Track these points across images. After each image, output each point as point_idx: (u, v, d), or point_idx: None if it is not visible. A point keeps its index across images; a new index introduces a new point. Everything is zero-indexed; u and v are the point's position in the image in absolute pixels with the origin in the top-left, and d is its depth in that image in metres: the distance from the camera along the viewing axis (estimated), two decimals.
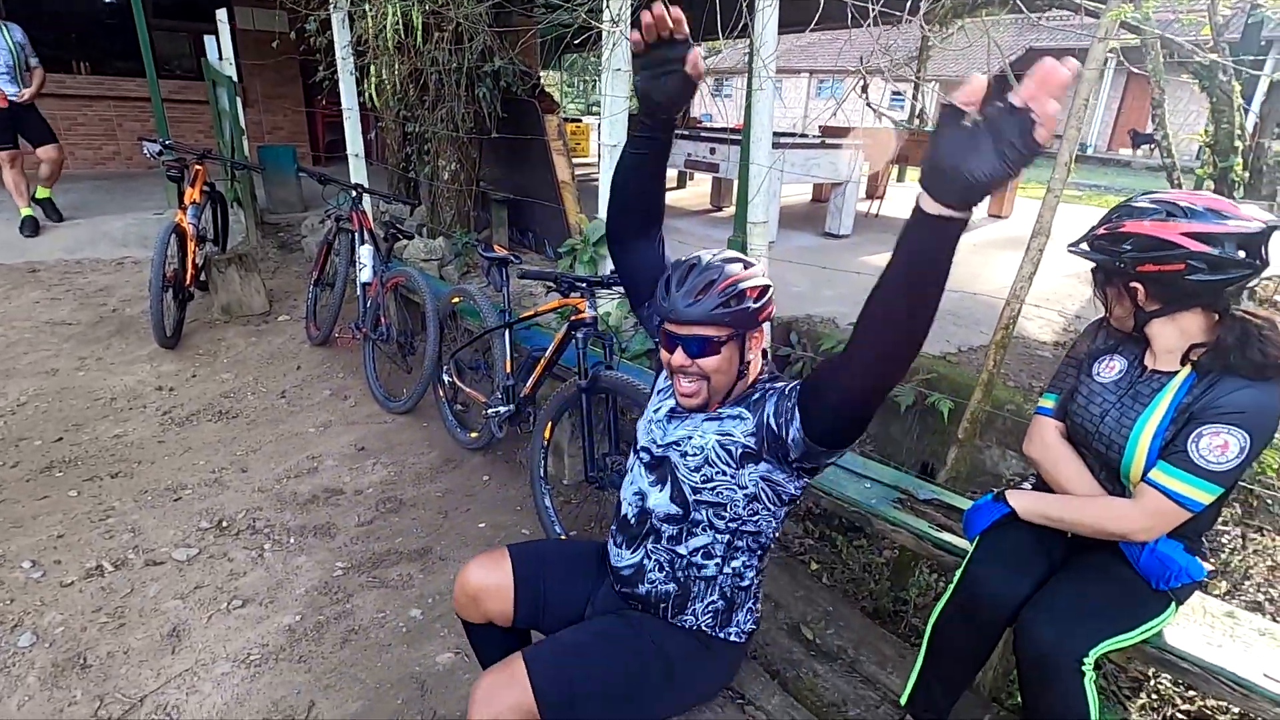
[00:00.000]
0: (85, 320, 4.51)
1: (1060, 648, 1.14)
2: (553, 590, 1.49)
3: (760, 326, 1.32)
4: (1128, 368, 1.33)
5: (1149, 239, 1.18)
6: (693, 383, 1.30)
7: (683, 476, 1.34)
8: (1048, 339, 3.78)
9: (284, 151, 6.76)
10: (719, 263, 1.28)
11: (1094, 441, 1.30)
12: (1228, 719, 1.71)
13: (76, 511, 2.72)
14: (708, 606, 1.38)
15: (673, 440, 1.38)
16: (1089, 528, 1.25)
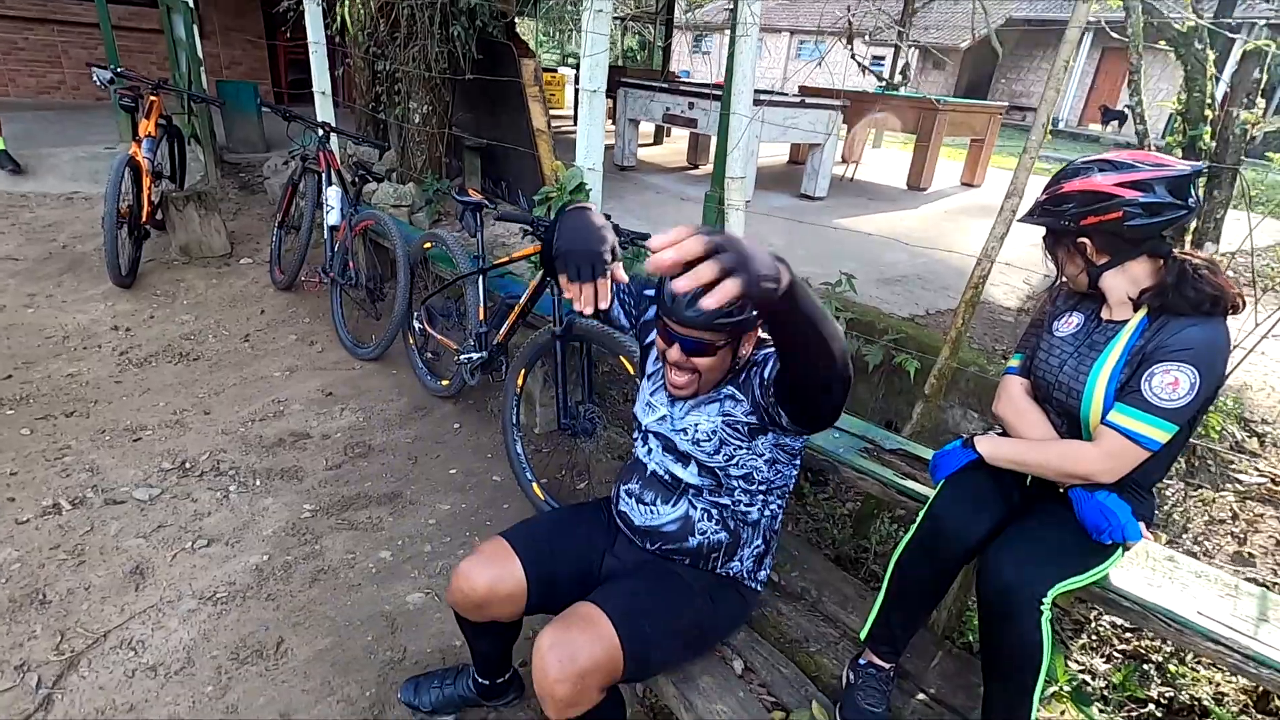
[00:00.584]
0: (33, 256, 4.31)
1: (1021, 586, 1.20)
2: (563, 572, 1.47)
3: (757, 326, 1.33)
4: (1084, 321, 1.39)
5: (1087, 194, 1.26)
6: (684, 376, 1.34)
7: (704, 459, 1.39)
8: (1011, 304, 3.87)
9: (245, 87, 6.46)
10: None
11: (1054, 391, 1.35)
12: (1161, 656, 1.83)
13: (30, 449, 2.65)
14: (753, 551, 1.46)
15: (681, 429, 1.42)
16: (1053, 470, 1.31)
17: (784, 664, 1.55)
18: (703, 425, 1.38)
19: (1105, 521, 1.24)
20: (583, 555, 1.51)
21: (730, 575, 1.46)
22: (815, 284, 3.65)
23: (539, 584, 1.43)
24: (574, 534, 1.54)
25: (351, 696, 1.79)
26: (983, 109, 7.01)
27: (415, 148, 4.82)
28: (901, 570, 1.39)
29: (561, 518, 1.60)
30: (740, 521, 1.43)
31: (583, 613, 1.27)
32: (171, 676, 1.80)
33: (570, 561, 1.49)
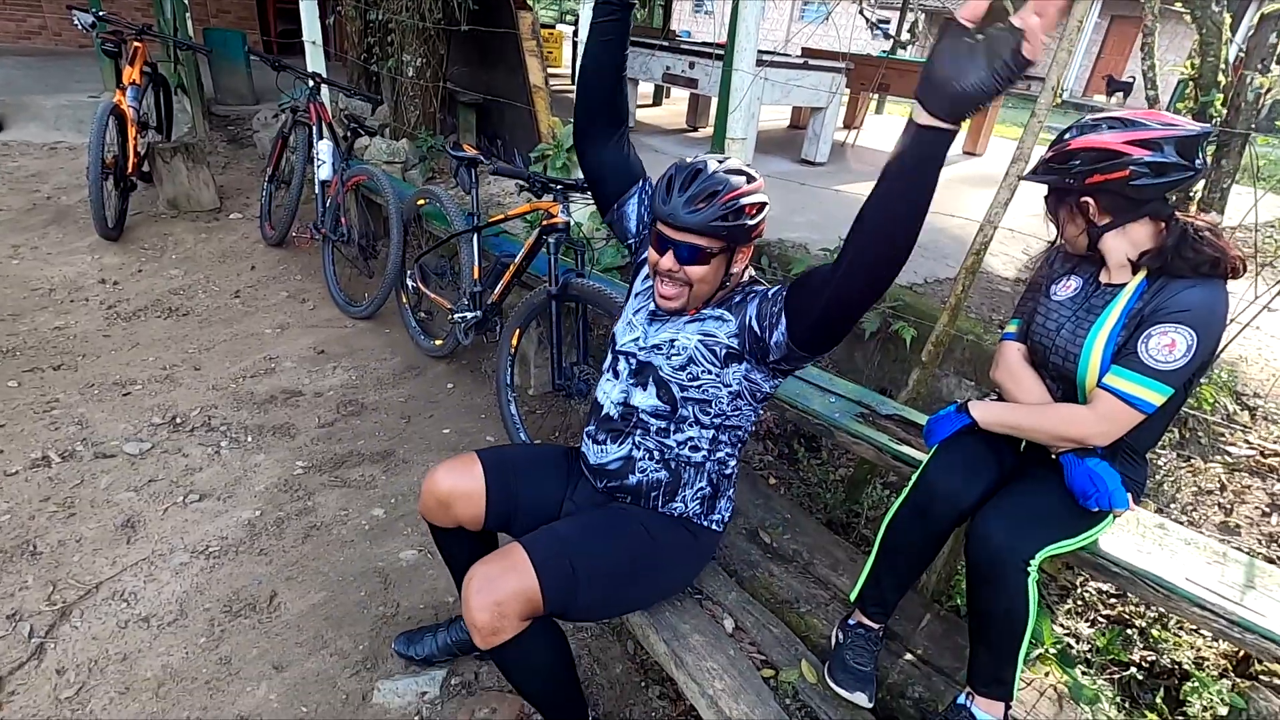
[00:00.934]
0: (16, 207, 4.22)
1: (1009, 549, 1.21)
2: (524, 493, 1.50)
3: (751, 242, 1.31)
4: (1082, 285, 1.38)
5: (1095, 151, 1.23)
6: (675, 287, 1.31)
7: (668, 376, 1.36)
8: (1009, 274, 3.85)
9: (232, 36, 6.26)
10: (724, 173, 1.25)
11: (1051, 355, 1.34)
12: (1144, 622, 1.86)
13: (18, 402, 2.62)
14: (696, 493, 1.44)
15: (655, 344, 1.39)
16: (1047, 433, 1.30)
17: (774, 624, 1.56)
18: (679, 341, 1.36)
19: (1093, 487, 1.24)
20: (545, 489, 1.52)
21: (675, 515, 1.45)
22: (814, 250, 3.62)
23: (498, 499, 1.47)
24: (542, 467, 1.55)
25: (344, 650, 1.80)
26: None
27: (409, 102, 4.71)
28: (893, 533, 1.40)
29: (533, 451, 1.62)
30: (684, 462, 1.41)
31: (505, 550, 1.30)
32: (164, 628, 1.81)
33: (532, 490, 1.51)
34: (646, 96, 8.65)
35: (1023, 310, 1.47)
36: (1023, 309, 1.47)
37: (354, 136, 3.62)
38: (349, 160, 3.58)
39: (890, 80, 6.74)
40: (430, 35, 4.40)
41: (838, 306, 1.15)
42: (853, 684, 1.38)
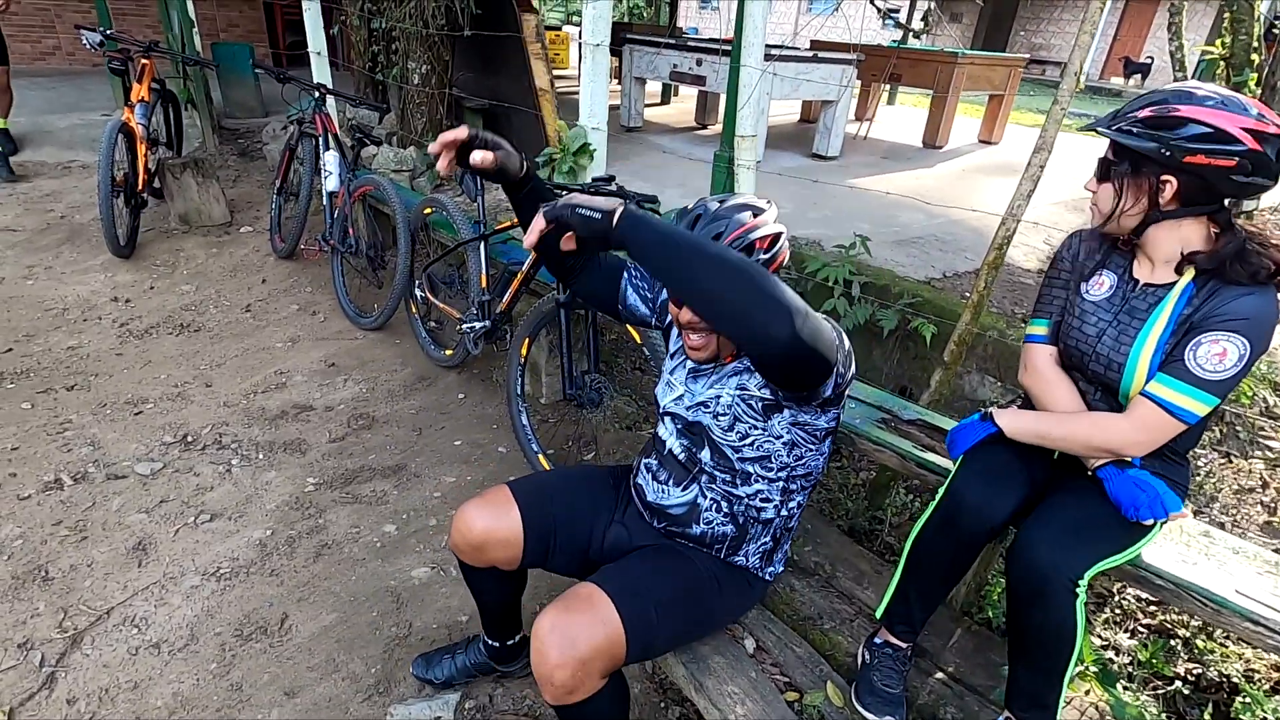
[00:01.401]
0: (31, 227, 4.25)
1: (1057, 568, 1.13)
2: (562, 529, 1.43)
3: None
4: (1118, 283, 1.27)
5: (1211, 129, 1.06)
6: (701, 336, 1.25)
7: (719, 439, 1.30)
8: (1031, 266, 3.74)
9: (240, 49, 6.29)
10: (726, 211, 1.19)
11: (1091, 363, 1.26)
12: (1187, 632, 1.77)
13: (31, 424, 2.62)
14: (759, 547, 1.39)
15: (701, 401, 1.34)
16: (1080, 443, 1.22)
17: (797, 643, 1.50)
18: (723, 398, 1.30)
19: (1142, 494, 1.16)
20: (585, 518, 1.46)
21: (738, 566, 1.40)
22: (828, 246, 3.54)
23: (535, 537, 1.40)
24: (580, 495, 1.48)
25: (356, 674, 1.76)
26: (1003, 62, 6.74)
27: (415, 109, 4.68)
28: (920, 548, 1.32)
29: (570, 476, 1.55)
30: (751, 519, 1.35)
31: (584, 594, 1.21)
32: (175, 654, 1.78)
33: (571, 522, 1.44)
34: (654, 95, 8.59)
35: (1048, 309, 1.37)
36: (1047, 307, 1.37)
37: (360, 146, 3.60)
38: (355, 170, 3.55)
39: (902, 70, 6.63)
40: (434, 41, 4.37)
41: (764, 372, 1.10)
42: (881, 707, 1.31)
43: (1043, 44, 19.71)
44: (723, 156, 3.02)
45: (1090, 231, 1.35)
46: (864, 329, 3.09)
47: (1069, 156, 6.39)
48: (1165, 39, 16.98)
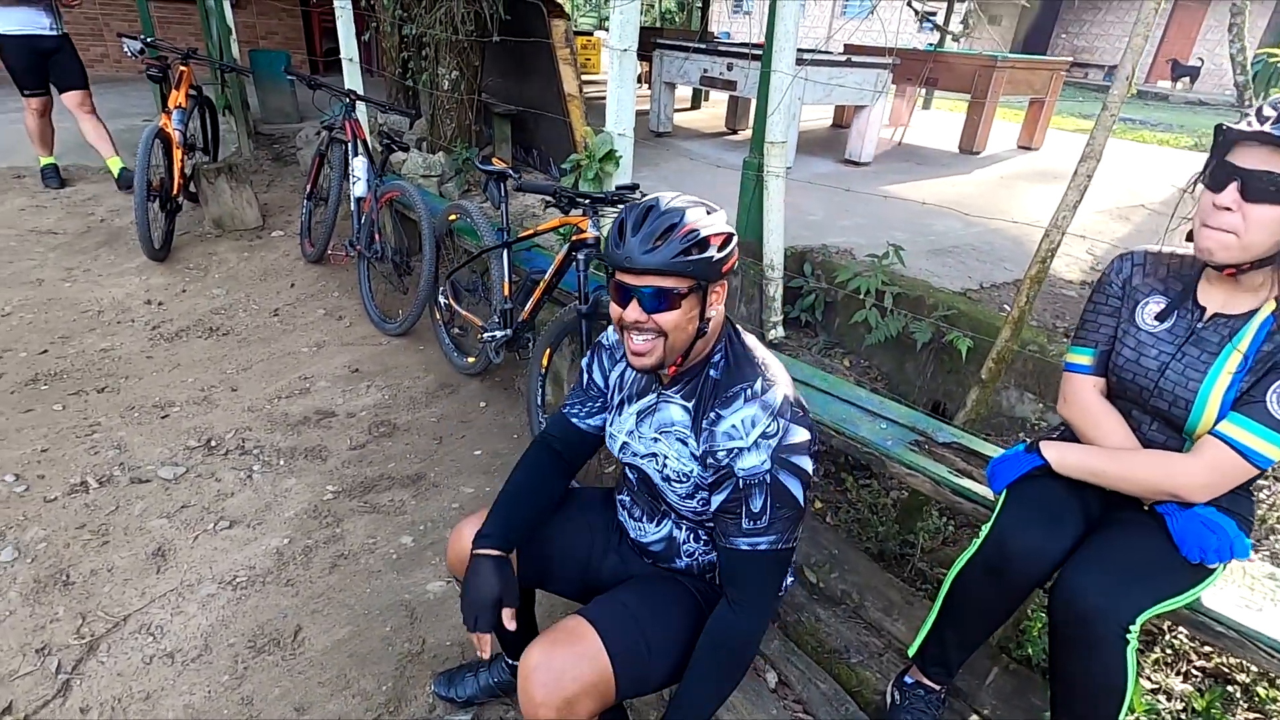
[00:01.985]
0: (72, 230, 4.35)
1: (1107, 614, 1.04)
2: (557, 552, 1.39)
3: (724, 279, 1.15)
4: (1177, 312, 1.16)
5: None
6: (646, 340, 1.13)
7: (676, 505, 1.23)
8: (1074, 277, 3.59)
9: (277, 56, 6.39)
10: (679, 206, 1.11)
11: (1153, 399, 1.15)
12: (1247, 678, 1.64)
13: (62, 426, 2.65)
14: None
15: (650, 453, 1.25)
16: (1138, 484, 1.12)
17: (822, 678, 1.42)
18: (671, 462, 1.21)
19: (1212, 537, 1.06)
20: (581, 541, 1.41)
21: None
22: (860, 255, 3.44)
23: (529, 559, 1.36)
24: (574, 517, 1.43)
25: (368, 690, 1.73)
26: (1044, 65, 6.54)
27: (444, 115, 4.69)
28: (960, 590, 1.23)
29: (571, 497, 1.49)
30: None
31: (571, 627, 1.16)
32: (188, 664, 1.77)
33: (566, 545, 1.40)
34: (684, 100, 8.53)
35: (1094, 337, 1.26)
36: (1093, 335, 1.26)
37: (388, 152, 3.60)
38: (383, 176, 3.56)
39: (938, 74, 6.47)
40: (463, 47, 4.37)
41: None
42: None
43: (1085, 47, 19.20)
44: (752, 163, 2.95)
45: (1142, 254, 1.24)
46: (896, 341, 2.99)
47: (1115, 163, 6.17)
48: (1214, 41, 16.34)
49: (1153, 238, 4.73)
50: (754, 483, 1.09)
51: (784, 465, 1.09)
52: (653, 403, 1.25)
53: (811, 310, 3.35)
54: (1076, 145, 7.17)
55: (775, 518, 1.10)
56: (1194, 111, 13.08)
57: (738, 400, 1.12)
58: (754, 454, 1.09)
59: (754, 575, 1.13)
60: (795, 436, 1.10)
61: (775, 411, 1.10)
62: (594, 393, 1.38)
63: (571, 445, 1.40)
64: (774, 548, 1.11)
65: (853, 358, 3.29)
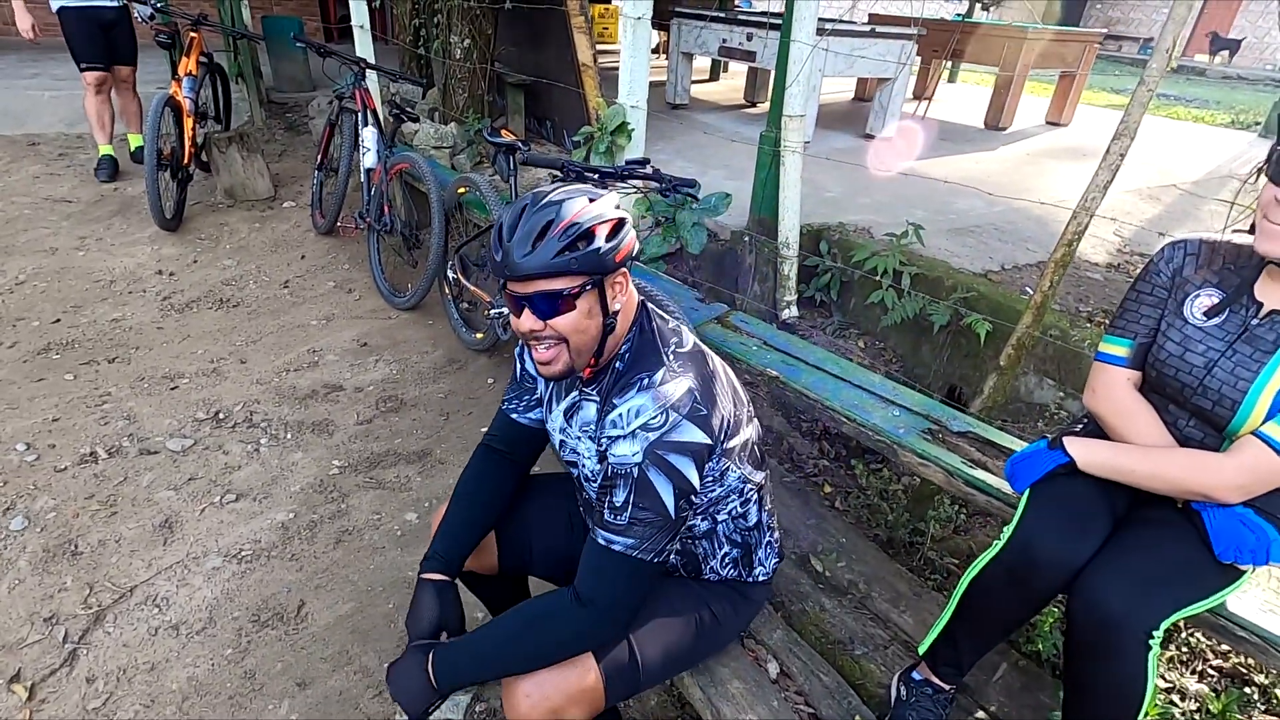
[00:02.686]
0: (85, 198, 4.34)
1: (1129, 620, 0.99)
2: (537, 538, 1.38)
3: (621, 269, 1.07)
4: (1229, 305, 1.09)
5: None
6: (549, 349, 1.06)
7: (596, 502, 1.14)
8: (1100, 259, 3.48)
9: (289, 23, 6.30)
10: (556, 200, 1.03)
11: (1195, 396, 1.09)
12: (1266, 679, 1.60)
13: (72, 395, 2.66)
14: (724, 560, 1.28)
15: (574, 455, 1.20)
16: (1169, 483, 1.06)
17: (824, 669, 1.39)
18: (587, 462, 1.16)
19: (1250, 537, 1.00)
20: (559, 529, 1.39)
21: (715, 582, 1.29)
22: (878, 234, 3.35)
23: (508, 543, 1.36)
24: (549, 505, 1.41)
25: (369, 667, 1.73)
26: (1076, 38, 6.30)
27: (456, 85, 4.61)
28: (978, 595, 1.17)
29: (546, 483, 1.45)
30: (688, 540, 1.24)
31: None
32: (193, 636, 1.78)
33: (545, 534, 1.39)
34: (702, 72, 8.35)
35: (1134, 328, 1.18)
36: (1133, 326, 1.18)
37: (399, 122, 3.54)
38: (394, 147, 3.50)
39: (966, 45, 6.26)
40: (476, 15, 4.27)
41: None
42: None
43: (1120, 18, 18.54)
44: (769, 137, 2.87)
45: (1197, 242, 1.15)
46: (913, 323, 2.92)
47: (1146, 141, 5.96)
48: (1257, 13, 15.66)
49: (1184, 219, 4.57)
50: (620, 473, 1.02)
51: (656, 462, 1.01)
52: (576, 400, 1.19)
53: (827, 290, 3.29)
54: (1107, 122, 6.92)
55: (635, 519, 1.02)
56: (1231, 87, 12.62)
57: (631, 390, 1.05)
58: (628, 443, 1.02)
59: (604, 574, 1.05)
60: (682, 434, 1.02)
61: (668, 404, 1.02)
62: (529, 384, 1.31)
63: (516, 444, 1.34)
64: (628, 553, 1.02)
65: (867, 339, 3.23)
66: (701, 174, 4.31)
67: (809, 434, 2.69)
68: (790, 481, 2.30)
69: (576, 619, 1.05)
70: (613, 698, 1.12)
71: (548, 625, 1.07)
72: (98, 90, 4.30)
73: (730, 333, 2.17)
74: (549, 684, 1.06)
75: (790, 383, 1.86)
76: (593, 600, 1.05)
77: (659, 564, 1.06)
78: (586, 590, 1.05)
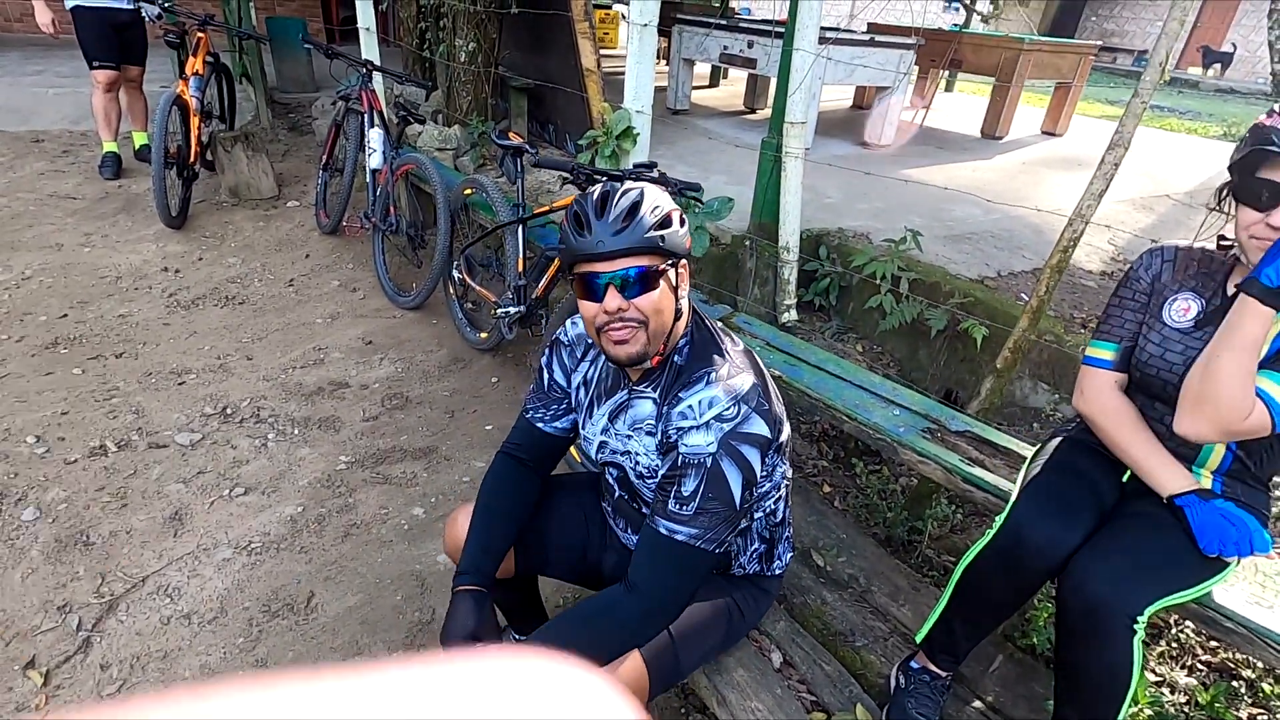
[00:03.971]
0: (90, 195, 4.37)
1: (1114, 604, 1.04)
2: (553, 540, 1.40)
3: (685, 258, 1.13)
4: (1205, 308, 1.15)
5: None
6: (627, 329, 1.07)
7: (657, 494, 1.16)
8: (1094, 268, 3.55)
9: (293, 24, 6.34)
10: (635, 187, 1.08)
11: (1178, 393, 1.14)
12: (1253, 674, 1.65)
13: (81, 390, 2.69)
14: (752, 556, 1.32)
15: (625, 450, 1.22)
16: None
17: (827, 659, 1.44)
18: (643, 458, 1.19)
19: (1231, 530, 1.05)
20: (576, 530, 1.42)
21: (739, 576, 1.34)
22: (877, 240, 3.41)
23: (525, 547, 1.37)
24: (567, 506, 1.44)
25: (378, 656, 1.76)
26: (1072, 49, 6.39)
27: (461, 88, 4.66)
28: (972, 581, 1.23)
29: (562, 484, 1.48)
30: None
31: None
32: (204, 625, 1.81)
33: (562, 535, 1.41)
34: (703, 78, 8.42)
35: (1118, 332, 1.24)
36: (1117, 330, 1.24)
37: (404, 124, 3.58)
38: (399, 148, 3.55)
39: (963, 55, 6.34)
40: (481, 19, 4.32)
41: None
42: None
43: (1115, 30, 18.74)
44: (770, 143, 2.92)
45: (1173, 249, 1.22)
46: (911, 328, 2.97)
47: (1140, 151, 6.04)
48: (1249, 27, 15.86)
49: (1177, 228, 4.65)
50: (693, 463, 1.04)
51: (730, 452, 1.04)
52: (624, 399, 1.21)
53: (826, 294, 3.34)
54: (1102, 132, 7.02)
55: (703, 509, 1.04)
56: (1223, 100, 12.77)
57: (700, 383, 1.08)
58: (702, 433, 1.05)
59: (661, 564, 1.07)
60: (752, 426, 1.05)
61: (739, 397, 1.06)
62: (556, 394, 1.33)
63: (538, 452, 1.36)
64: (691, 542, 1.05)
65: (866, 343, 3.28)
66: (703, 178, 4.36)
67: (809, 435, 2.74)
68: (792, 481, 2.33)
69: (633, 609, 1.08)
70: (656, 690, 1.15)
71: (605, 618, 1.09)
72: (107, 89, 4.33)
73: (734, 334, 2.21)
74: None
75: (793, 383, 1.91)
76: (649, 590, 1.07)
77: (717, 556, 1.08)
78: (643, 580, 1.07)
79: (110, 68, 4.26)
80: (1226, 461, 1.17)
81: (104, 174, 4.54)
